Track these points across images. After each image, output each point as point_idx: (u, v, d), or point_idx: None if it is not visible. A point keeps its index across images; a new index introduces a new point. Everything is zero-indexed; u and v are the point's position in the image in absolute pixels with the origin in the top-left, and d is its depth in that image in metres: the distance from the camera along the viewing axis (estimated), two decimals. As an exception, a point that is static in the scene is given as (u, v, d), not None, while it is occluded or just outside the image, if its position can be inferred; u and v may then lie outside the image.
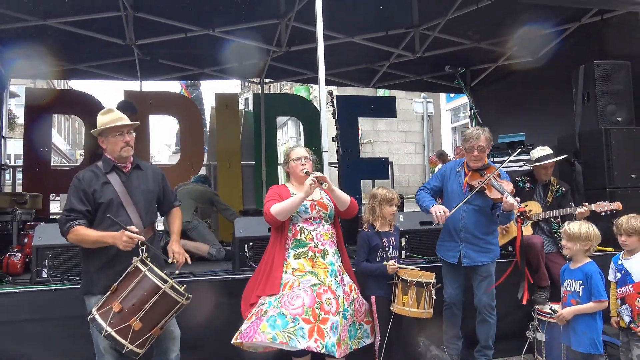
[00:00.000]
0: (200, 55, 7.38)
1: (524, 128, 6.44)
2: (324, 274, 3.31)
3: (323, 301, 3.20)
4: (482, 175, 3.87)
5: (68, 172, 7.63)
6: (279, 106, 9.00)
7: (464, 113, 16.78)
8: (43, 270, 3.89)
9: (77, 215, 3.05)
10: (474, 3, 5.72)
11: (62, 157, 28.63)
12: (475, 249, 3.87)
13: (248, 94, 27.80)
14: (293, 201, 3.32)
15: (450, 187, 4.00)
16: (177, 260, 3.23)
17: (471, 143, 3.87)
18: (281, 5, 5.98)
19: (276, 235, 3.45)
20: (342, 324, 3.27)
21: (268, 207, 3.35)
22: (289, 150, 3.65)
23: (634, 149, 5.19)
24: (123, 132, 3.20)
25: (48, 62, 6.90)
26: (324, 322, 3.14)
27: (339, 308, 3.25)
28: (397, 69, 7.91)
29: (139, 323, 2.84)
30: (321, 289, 3.24)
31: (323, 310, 3.17)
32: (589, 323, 3.37)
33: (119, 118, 3.22)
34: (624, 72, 5.46)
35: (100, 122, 3.21)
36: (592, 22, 6.00)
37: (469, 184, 3.90)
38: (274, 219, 3.33)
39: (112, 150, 3.21)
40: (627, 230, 3.56)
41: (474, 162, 3.92)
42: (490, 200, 3.82)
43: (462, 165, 4.02)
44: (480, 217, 3.89)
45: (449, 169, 4.11)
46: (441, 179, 4.08)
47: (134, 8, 5.68)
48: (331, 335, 3.12)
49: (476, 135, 3.86)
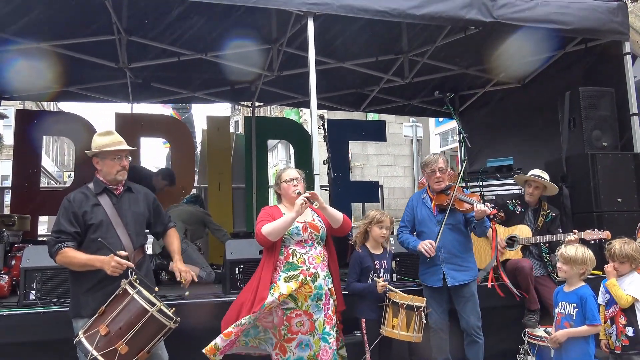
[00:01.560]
0: (193, 79, 7.43)
1: (512, 152, 6.53)
2: (304, 299, 3.32)
3: (292, 324, 3.33)
4: (447, 195, 4.07)
5: (56, 193, 7.60)
6: (271, 129, 9.05)
7: (453, 137, 16.97)
8: (31, 293, 3.83)
9: (66, 237, 3.04)
10: (462, 31, 5.85)
11: (50, 178, 28.39)
12: (457, 268, 3.99)
13: (238, 116, 27.92)
14: (285, 221, 3.33)
15: (420, 215, 4.14)
16: (185, 279, 3.23)
17: (432, 167, 4.11)
18: (273, 31, 6.08)
19: (267, 257, 3.44)
20: (319, 346, 3.31)
21: (260, 227, 3.36)
22: (281, 172, 3.67)
23: (619, 173, 5.27)
24: (121, 156, 3.21)
25: (39, 84, 6.92)
26: (289, 341, 3.33)
27: (312, 329, 3.34)
28: (387, 93, 8.01)
29: (126, 347, 2.80)
30: (293, 313, 3.33)
31: (290, 332, 3.33)
32: (582, 346, 3.38)
33: (119, 142, 3.23)
34: (609, 99, 5.57)
35: (99, 144, 3.20)
36: (577, 49, 6.16)
37: (437, 205, 4.08)
38: (265, 239, 3.33)
39: (107, 173, 3.21)
40: (620, 257, 3.60)
41: (437, 185, 4.11)
42: (460, 216, 4.04)
43: (426, 192, 4.22)
44: (455, 235, 4.05)
45: (414, 200, 4.29)
46: (411, 210, 4.23)
47: (127, 32, 5.73)
48: (296, 352, 3.31)
49: (434, 159, 4.13)
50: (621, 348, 3.51)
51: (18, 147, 7.37)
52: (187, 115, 15.93)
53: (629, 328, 3.49)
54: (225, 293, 4.23)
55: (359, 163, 17.59)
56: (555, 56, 6.48)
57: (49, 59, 6.12)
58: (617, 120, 5.55)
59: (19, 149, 7.36)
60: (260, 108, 9.15)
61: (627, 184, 5.28)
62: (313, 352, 3.33)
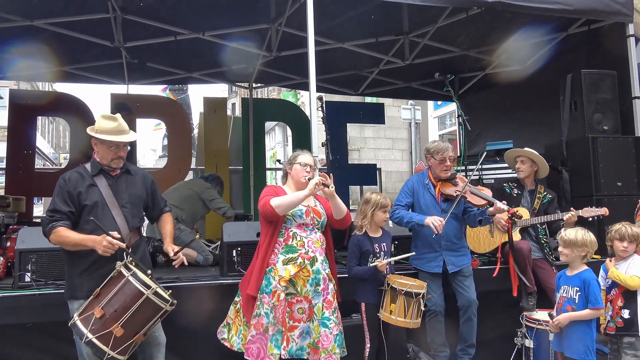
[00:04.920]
0: (189, 59, 7.33)
1: (512, 135, 6.48)
2: (303, 284, 3.30)
3: (294, 310, 3.29)
4: (454, 184, 4.08)
5: (52, 175, 7.51)
6: (268, 111, 8.98)
7: (451, 120, 16.89)
8: (26, 275, 3.79)
9: (61, 216, 3.02)
10: (464, 11, 5.75)
11: (45, 160, 28.26)
12: (455, 254, 4.09)
13: (235, 99, 27.72)
14: (296, 196, 3.26)
15: (422, 200, 4.12)
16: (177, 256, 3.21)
17: (443, 154, 4.08)
18: (272, 10, 5.96)
19: (265, 237, 3.39)
20: (319, 332, 3.29)
21: (267, 200, 3.28)
22: (298, 154, 3.58)
23: (620, 157, 5.24)
24: (119, 146, 3.16)
25: (33, 64, 6.81)
26: (292, 329, 3.27)
27: (312, 315, 3.31)
28: (386, 75, 7.92)
29: (121, 329, 2.78)
30: (294, 298, 3.29)
31: (292, 319, 3.28)
32: (584, 330, 3.36)
33: (120, 131, 3.17)
34: (611, 82, 5.51)
35: (101, 127, 3.14)
36: (580, 31, 6.07)
37: (444, 193, 4.07)
38: (273, 211, 3.24)
39: (102, 157, 3.18)
40: (630, 237, 3.58)
41: (445, 172, 4.12)
42: (462, 206, 4.08)
43: (428, 178, 4.19)
44: (455, 224, 4.12)
45: (415, 183, 4.23)
46: (411, 193, 4.18)
47: (122, 10, 5.62)
48: (298, 341, 3.27)
49: (445, 147, 4.10)
50: (615, 329, 3.52)
51: (12, 128, 7.27)
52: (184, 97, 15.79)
53: (625, 310, 3.50)
54: (222, 276, 4.20)
55: (357, 146, 17.54)
56: (558, 38, 6.40)
57: (42, 38, 6.01)
58: (619, 104, 5.51)
59: (13, 129, 7.26)
60: (257, 90, 9.06)
61: (628, 167, 5.25)
62: (313, 339, 3.30)
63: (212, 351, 3.69)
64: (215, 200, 5.81)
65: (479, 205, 3.99)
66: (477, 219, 4.08)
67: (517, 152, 4.77)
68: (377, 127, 17.49)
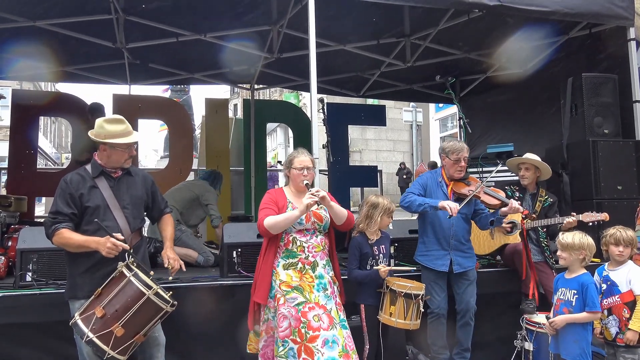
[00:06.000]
0: (191, 60, 7.35)
1: (513, 138, 6.48)
2: (310, 290, 3.25)
3: (310, 319, 3.15)
4: (467, 184, 4.05)
5: (54, 175, 7.54)
6: (270, 113, 8.98)
7: (453, 123, 16.92)
8: (27, 274, 3.81)
9: (63, 218, 3.03)
10: (465, 14, 5.77)
11: (47, 160, 28.32)
12: (463, 255, 4.05)
13: (237, 100, 27.78)
14: (288, 217, 3.26)
15: (435, 197, 4.08)
16: (172, 267, 3.20)
17: (458, 154, 4.05)
18: (274, 12, 5.98)
19: (268, 241, 3.39)
20: (343, 335, 3.21)
21: (263, 216, 3.29)
22: (293, 157, 3.51)
23: (620, 160, 5.24)
24: (132, 146, 3.19)
25: (36, 64, 6.83)
26: (312, 340, 3.11)
27: (332, 321, 3.21)
28: (388, 77, 7.93)
29: (122, 329, 2.80)
30: (306, 307, 3.18)
31: (310, 329, 3.13)
32: (580, 332, 3.37)
33: (130, 132, 3.19)
34: (611, 85, 5.52)
35: (109, 132, 3.13)
36: (581, 35, 6.08)
37: (456, 192, 4.04)
38: (266, 231, 3.27)
39: (115, 161, 3.18)
40: (626, 241, 3.58)
41: (459, 173, 4.09)
42: (473, 207, 4.07)
43: (442, 176, 4.17)
44: (465, 225, 4.09)
45: (429, 179, 4.20)
46: (424, 188, 4.15)
47: (125, 11, 5.64)
48: (324, 351, 3.09)
49: (461, 147, 4.07)
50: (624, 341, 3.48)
51: (14, 128, 7.30)
52: (185, 98, 15.81)
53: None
54: (222, 277, 4.21)
55: (358, 148, 17.57)
56: (559, 41, 6.41)
57: (45, 38, 6.03)
58: (620, 107, 5.51)
59: (15, 129, 7.29)
60: (259, 92, 9.09)
61: (628, 171, 5.26)
62: (342, 346, 3.16)
63: (212, 351, 3.70)
64: (209, 206, 5.88)
65: (493, 205, 3.97)
66: (489, 219, 4.06)
67: (520, 160, 4.73)
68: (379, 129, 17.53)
